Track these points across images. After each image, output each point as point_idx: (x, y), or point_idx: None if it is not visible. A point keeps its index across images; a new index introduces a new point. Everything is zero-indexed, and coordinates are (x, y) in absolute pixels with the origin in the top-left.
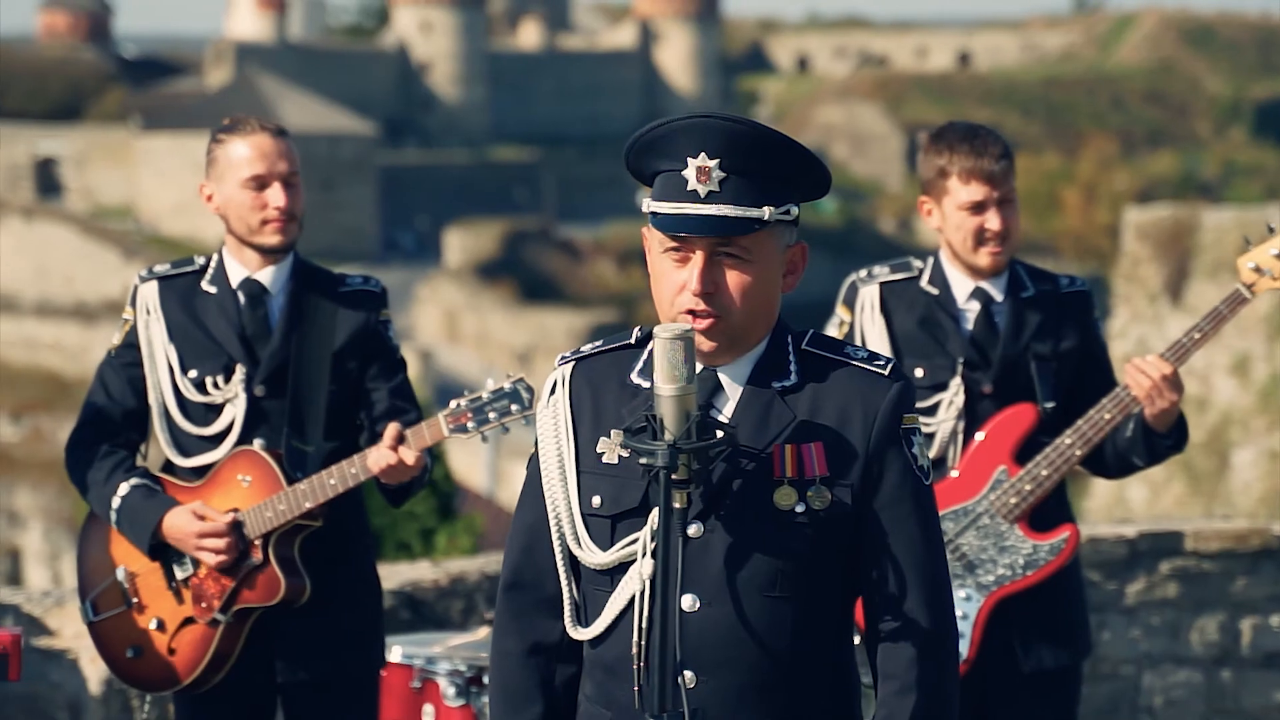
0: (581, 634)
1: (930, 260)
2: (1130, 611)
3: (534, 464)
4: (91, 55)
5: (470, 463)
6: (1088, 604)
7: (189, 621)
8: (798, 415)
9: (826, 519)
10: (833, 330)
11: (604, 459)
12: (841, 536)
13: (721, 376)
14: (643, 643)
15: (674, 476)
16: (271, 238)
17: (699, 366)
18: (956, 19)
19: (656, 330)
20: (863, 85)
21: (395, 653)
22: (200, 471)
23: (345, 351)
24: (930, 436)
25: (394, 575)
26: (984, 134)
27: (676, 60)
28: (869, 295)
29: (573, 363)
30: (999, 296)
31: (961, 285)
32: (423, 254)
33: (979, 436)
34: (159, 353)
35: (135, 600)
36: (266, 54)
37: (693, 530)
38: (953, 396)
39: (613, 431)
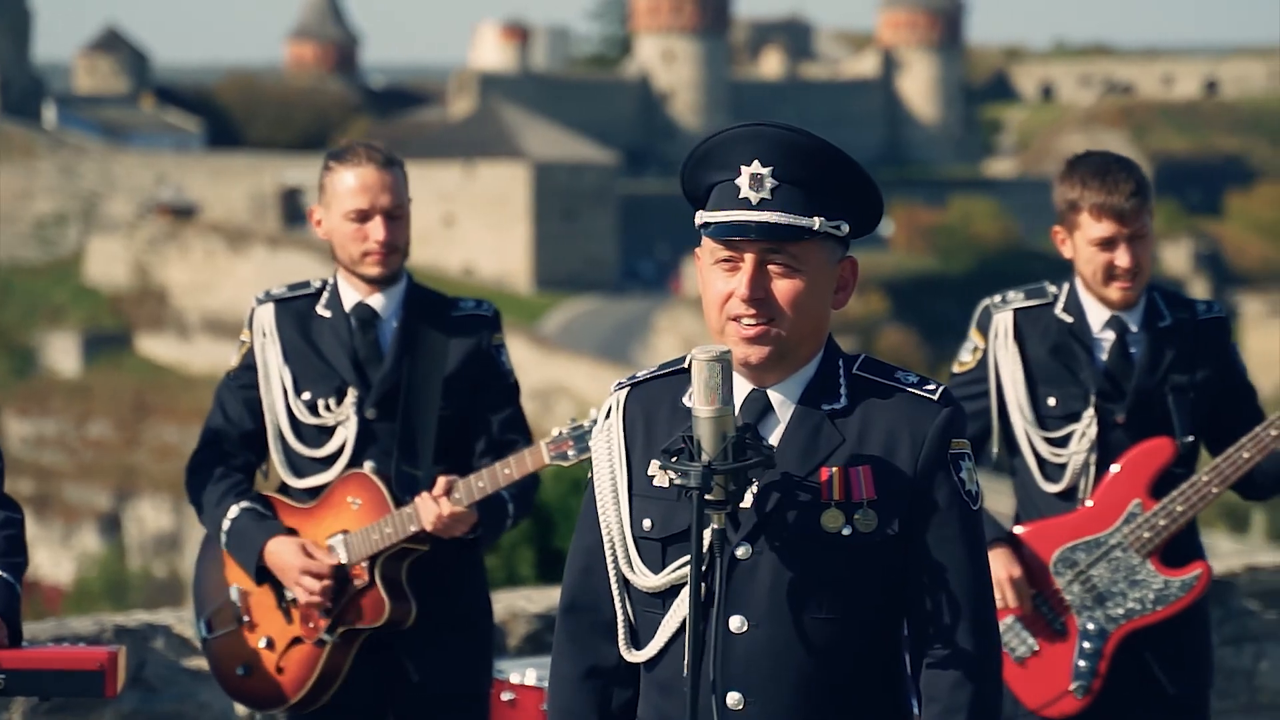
0: (635, 656)
1: (1065, 286)
2: None
3: (590, 489)
4: (338, 85)
5: None
6: (1212, 635)
7: (297, 641)
8: (846, 438)
9: (873, 542)
10: (965, 355)
11: (655, 482)
12: (889, 559)
13: (772, 397)
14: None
15: (709, 497)
16: (371, 269)
17: (750, 387)
18: (1204, 46)
19: (694, 352)
20: (1108, 113)
21: (529, 676)
22: (313, 492)
23: (457, 376)
24: (1062, 467)
25: (544, 598)
26: (1117, 169)
27: (919, 89)
28: (1003, 321)
29: (628, 388)
30: (1135, 326)
31: (1097, 314)
32: (662, 283)
33: (1114, 468)
34: (274, 375)
35: (246, 619)
36: (509, 84)
37: (740, 552)
38: (1085, 427)
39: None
